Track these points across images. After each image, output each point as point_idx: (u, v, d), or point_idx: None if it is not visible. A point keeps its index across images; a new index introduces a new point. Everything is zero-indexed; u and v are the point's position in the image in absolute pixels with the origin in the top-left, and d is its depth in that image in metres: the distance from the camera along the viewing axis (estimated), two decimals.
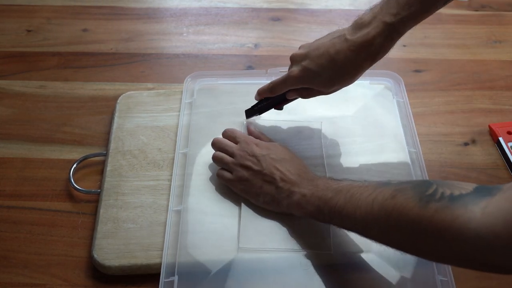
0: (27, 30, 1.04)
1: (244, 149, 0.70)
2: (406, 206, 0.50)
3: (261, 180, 0.68)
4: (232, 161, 0.71)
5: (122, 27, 1.05)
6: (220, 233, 0.68)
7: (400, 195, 0.52)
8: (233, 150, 0.71)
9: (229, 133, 0.75)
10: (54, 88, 0.92)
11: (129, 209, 0.71)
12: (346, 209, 0.58)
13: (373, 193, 0.55)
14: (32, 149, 0.82)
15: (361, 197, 0.56)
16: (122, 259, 0.66)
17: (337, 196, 0.59)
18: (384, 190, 0.54)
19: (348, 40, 0.64)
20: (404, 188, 0.52)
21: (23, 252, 0.69)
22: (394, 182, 0.56)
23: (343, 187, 0.60)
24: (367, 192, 0.56)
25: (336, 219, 0.60)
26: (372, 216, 0.54)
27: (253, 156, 0.69)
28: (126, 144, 0.79)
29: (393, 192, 0.53)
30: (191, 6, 1.11)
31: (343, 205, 0.58)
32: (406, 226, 0.50)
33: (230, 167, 0.71)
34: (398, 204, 0.51)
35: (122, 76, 0.94)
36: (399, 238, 0.53)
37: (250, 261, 0.65)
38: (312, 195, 0.63)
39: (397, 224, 0.51)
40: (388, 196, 0.53)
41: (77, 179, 0.76)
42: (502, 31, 1.04)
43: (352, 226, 0.60)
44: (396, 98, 0.85)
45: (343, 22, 1.08)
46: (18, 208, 0.74)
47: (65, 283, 0.66)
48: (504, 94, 0.91)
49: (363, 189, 0.57)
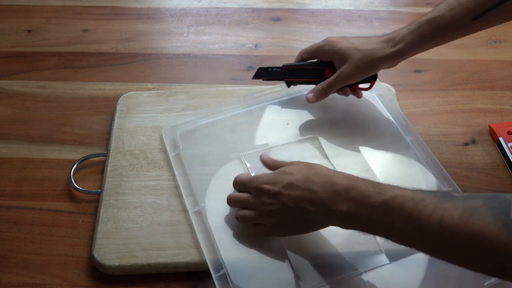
0: (27, 30, 1.04)
1: (259, 196, 0.63)
2: (487, 234, 0.46)
3: (293, 217, 0.61)
4: (256, 215, 0.64)
5: (122, 27, 1.05)
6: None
7: (475, 218, 0.47)
8: (249, 201, 0.65)
9: (237, 185, 0.68)
10: (54, 88, 0.92)
11: (129, 209, 0.71)
12: (408, 232, 0.52)
13: (436, 213, 0.50)
14: (32, 149, 0.82)
15: (420, 216, 0.51)
16: (123, 259, 0.66)
17: (389, 217, 0.53)
18: (449, 208, 0.49)
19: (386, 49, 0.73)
20: (477, 208, 0.48)
21: (23, 252, 0.69)
22: (456, 195, 0.51)
23: (392, 201, 0.53)
24: (426, 209, 0.50)
25: (394, 239, 0.55)
26: (443, 240, 0.50)
27: (271, 198, 0.62)
28: (127, 144, 0.79)
29: (463, 213, 0.48)
30: (191, 6, 1.11)
31: (402, 227, 0.52)
32: (491, 253, 0.47)
33: (258, 220, 0.65)
34: (477, 230, 0.47)
35: (122, 76, 0.94)
36: (482, 265, 0.49)
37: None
38: (355, 213, 0.56)
39: (478, 251, 0.47)
40: (458, 219, 0.48)
41: (78, 179, 0.76)
42: (502, 31, 1.04)
43: (415, 247, 0.54)
44: (374, 92, 0.85)
45: (343, 22, 1.08)
46: (18, 208, 0.74)
47: (66, 283, 0.66)
48: (504, 94, 0.91)
49: (419, 205, 0.51)
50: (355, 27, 1.06)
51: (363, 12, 1.10)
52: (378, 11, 1.10)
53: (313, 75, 0.80)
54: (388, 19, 1.08)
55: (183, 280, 0.66)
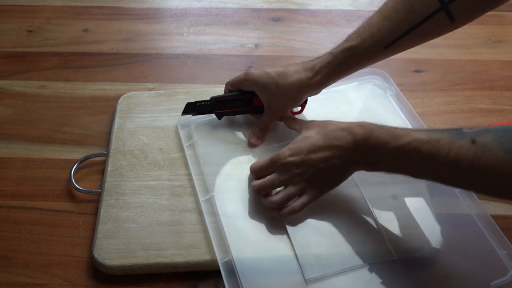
0: (28, 30, 1.04)
1: (287, 170, 0.66)
2: (502, 168, 0.50)
3: (325, 174, 0.65)
4: (295, 189, 0.66)
5: (123, 27, 1.05)
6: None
7: (488, 155, 0.51)
8: (280, 179, 0.67)
9: (258, 172, 0.70)
10: (55, 88, 0.92)
11: (129, 209, 0.71)
12: (426, 171, 0.57)
13: (452, 151, 0.54)
14: (33, 149, 0.82)
15: (438, 156, 0.55)
16: (123, 259, 0.66)
17: (408, 161, 0.58)
18: (463, 146, 0.53)
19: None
20: (488, 145, 0.51)
21: (23, 252, 0.69)
22: (468, 132, 0.54)
23: (409, 145, 0.58)
24: (442, 149, 0.55)
25: (414, 176, 0.60)
26: (461, 174, 0.54)
27: (299, 166, 0.65)
28: (127, 144, 0.80)
29: (477, 150, 0.52)
30: (192, 6, 1.11)
31: (421, 168, 0.57)
32: (504, 184, 0.51)
33: (298, 193, 0.66)
34: (490, 165, 0.51)
35: (123, 76, 0.94)
36: (495, 191, 0.54)
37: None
38: (376, 160, 0.62)
39: (493, 182, 0.52)
40: (473, 156, 0.52)
41: (78, 179, 0.76)
42: (502, 31, 1.04)
43: (434, 180, 0.59)
44: (389, 93, 0.86)
45: (343, 22, 1.08)
46: (19, 208, 0.74)
47: (66, 283, 0.66)
48: (504, 94, 0.91)
49: (435, 146, 0.55)
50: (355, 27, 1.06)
51: (363, 12, 1.10)
52: None
53: (242, 104, 0.79)
54: None
55: (183, 280, 0.66)
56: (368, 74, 0.88)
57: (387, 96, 0.86)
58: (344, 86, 0.87)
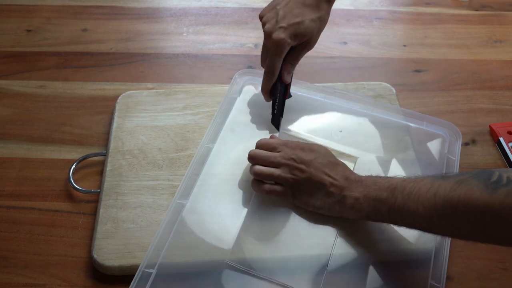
0: (27, 30, 1.04)
1: (290, 156, 0.67)
2: (473, 196, 0.51)
3: (311, 186, 0.66)
4: (281, 174, 0.67)
5: (122, 27, 1.05)
6: (215, 238, 0.67)
7: (463, 186, 0.52)
8: (278, 160, 0.68)
9: (263, 145, 0.71)
10: (54, 88, 0.92)
11: (128, 209, 0.71)
12: (407, 207, 0.57)
13: (432, 187, 0.55)
14: (32, 149, 0.81)
15: (419, 192, 0.57)
16: (122, 259, 0.66)
17: (393, 195, 0.59)
18: (443, 183, 0.55)
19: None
20: (465, 179, 0.53)
21: (22, 252, 0.69)
22: (450, 174, 0.57)
23: (396, 184, 0.60)
24: (424, 187, 0.56)
25: (396, 218, 0.60)
26: (437, 211, 0.54)
27: (301, 163, 0.67)
28: (126, 144, 0.79)
29: (454, 184, 0.53)
30: (191, 6, 1.11)
31: (403, 203, 0.58)
32: (476, 215, 0.51)
33: (280, 179, 0.67)
34: (463, 194, 0.52)
35: (122, 76, 0.94)
36: (469, 228, 0.53)
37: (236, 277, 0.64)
38: (365, 198, 0.63)
39: (465, 215, 0.52)
40: (450, 188, 0.53)
41: (77, 179, 0.76)
42: (502, 31, 1.04)
43: (414, 223, 0.59)
44: (448, 155, 0.77)
45: (343, 22, 1.08)
46: (18, 208, 0.74)
47: (65, 283, 0.66)
48: (504, 94, 0.91)
49: (419, 184, 0.57)
50: (355, 27, 1.06)
51: (363, 12, 1.10)
52: (378, 11, 1.10)
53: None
54: (388, 19, 1.08)
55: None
56: (440, 124, 0.80)
57: (444, 157, 0.77)
58: (410, 124, 0.81)
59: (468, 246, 0.68)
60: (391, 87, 0.88)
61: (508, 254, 0.68)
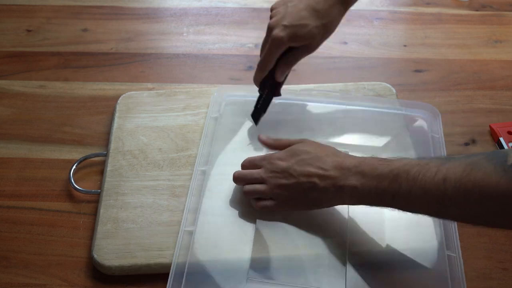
0: (27, 30, 1.04)
1: (272, 170, 0.66)
2: (491, 181, 0.48)
3: (302, 190, 0.64)
4: (266, 189, 0.66)
5: (122, 27, 1.05)
6: (230, 264, 0.66)
7: (477, 170, 0.49)
8: (261, 175, 0.67)
9: (247, 163, 0.70)
10: (54, 88, 0.92)
11: (129, 209, 0.71)
12: (414, 194, 0.55)
13: (440, 172, 0.52)
14: (32, 149, 0.81)
15: (425, 178, 0.53)
16: (122, 259, 0.66)
17: (396, 182, 0.56)
18: (451, 166, 0.52)
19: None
20: (477, 162, 0.50)
21: (23, 252, 0.69)
22: (458, 156, 0.53)
23: (398, 169, 0.57)
24: (430, 171, 0.53)
25: (401, 204, 0.58)
26: (448, 197, 0.51)
27: (283, 172, 0.65)
28: (126, 144, 0.79)
29: (465, 167, 0.50)
30: (191, 6, 1.11)
31: (408, 190, 0.55)
32: (494, 201, 0.48)
33: (268, 194, 0.67)
34: (479, 179, 0.49)
35: (122, 76, 0.94)
36: (485, 213, 0.51)
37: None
38: (364, 186, 0.59)
39: (482, 201, 0.49)
40: (461, 173, 0.50)
41: (77, 179, 0.76)
42: (502, 31, 1.04)
43: (423, 209, 0.57)
44: (431, 134, 0.80)
45: (343, 22, 1.07)
46: (18, 208, 0.74)
47: (65, 283, 0.66)
48: (504, 94, 0.91)
49: (424, 168, 0.54)
50: (355, 27, 1.06)
51: (363, 12, 1.10)
52: (378, 11, 1.10)
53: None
54: (388, 19, 1.08)
55: None
56: (418, 107, 0.83)
57: (429, 136, 0.80)
58: (389, 111, 0.83)
59: (468, 246, 0.68)
60: (391, 87, 0.88)
61: (508, 254, 0.68)
